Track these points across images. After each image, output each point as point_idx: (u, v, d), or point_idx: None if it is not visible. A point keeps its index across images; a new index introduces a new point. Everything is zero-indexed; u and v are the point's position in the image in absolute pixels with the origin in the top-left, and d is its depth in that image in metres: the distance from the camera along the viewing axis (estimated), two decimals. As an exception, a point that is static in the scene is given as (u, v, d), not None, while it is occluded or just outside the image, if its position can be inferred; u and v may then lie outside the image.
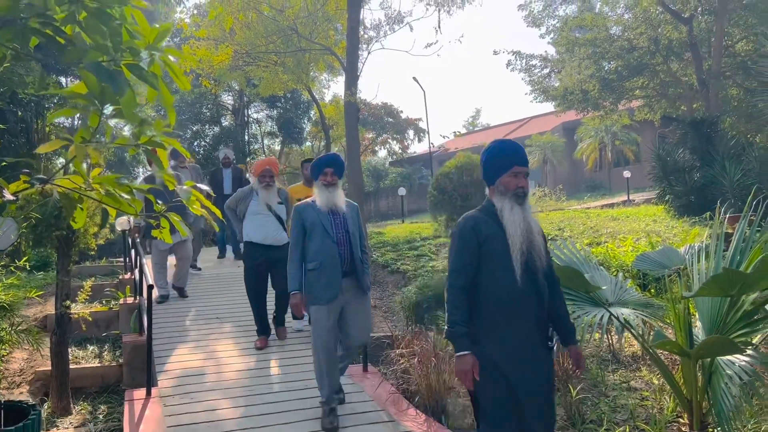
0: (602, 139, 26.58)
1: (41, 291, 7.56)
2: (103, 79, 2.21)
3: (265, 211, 5.97)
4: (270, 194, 6.00)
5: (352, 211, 4.55)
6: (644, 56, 15.84)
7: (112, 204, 2.71)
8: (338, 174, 4.49)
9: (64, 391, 5.16)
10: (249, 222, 5.99)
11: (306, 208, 4.42)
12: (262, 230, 5.94)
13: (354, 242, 4.42)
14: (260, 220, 5.95)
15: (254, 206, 5.99)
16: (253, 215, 5.98)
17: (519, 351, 2.85)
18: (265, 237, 5.93)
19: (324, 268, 4.26)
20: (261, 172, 6.02)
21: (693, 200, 11.70)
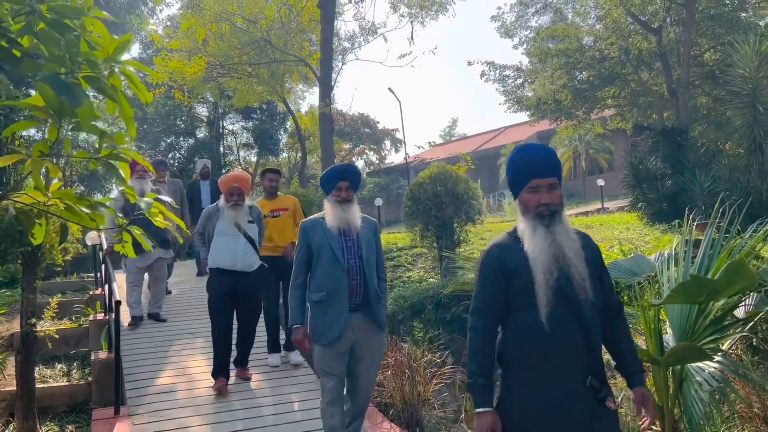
0: (576, 148, 26.90)
1: (6, 309, 7.38)
2: (59, 91, 2.15)
3: (233, 230, 5.25)
4: (239, 214, 5.30)
5: (368, 231, 3.84)
6: (615, 66, 16.09)
7: (72, 219, 2.64)
8: (354, 187, 3.78)
9: (30, 411, 5.02)
10: (216, 245, 5.23)
11: (314, 227, 3.72)
12: (230, 254, 5.17)
13: (369, 270, 3.70)
14: (228, 242, 5.19)
15: (221, 226, 5.25)
16: (220, 236, 5.24)
17: (559, 412, 2.24)
18: (234, 262, 5.17)
19: (331, 300, 3.61)
20: (228, 190, 5.30)
21: (665, 207, 11.86)
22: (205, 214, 5.43)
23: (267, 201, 6.02)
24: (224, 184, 5.34)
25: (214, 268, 5.21)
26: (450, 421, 4.89)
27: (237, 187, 5.33)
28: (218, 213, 5.35)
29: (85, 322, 7.23)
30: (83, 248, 11.35)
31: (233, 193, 5.31)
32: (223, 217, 5.29)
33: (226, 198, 5.32)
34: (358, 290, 3.67)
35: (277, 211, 5.97)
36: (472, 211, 8.05)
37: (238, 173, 5.42)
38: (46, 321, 7.05)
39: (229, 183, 5.32)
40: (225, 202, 5.31)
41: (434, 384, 5.01)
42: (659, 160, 13.08)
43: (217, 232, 5.25)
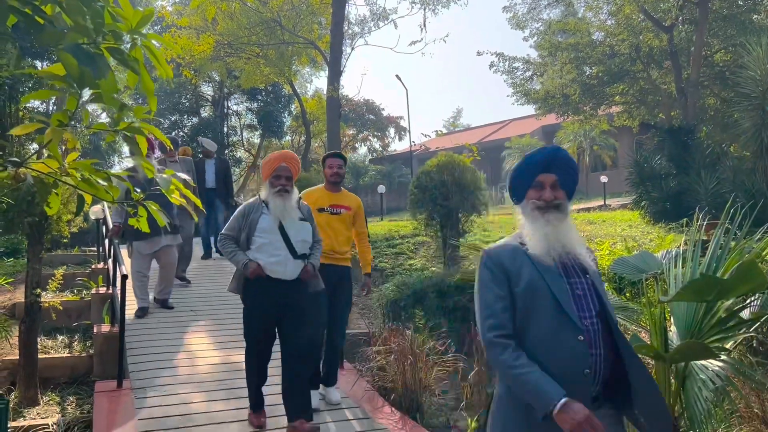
0: (581, 144, 26.84)
1: (11, 278, 7.39)
2: (82, 61, 2.14)
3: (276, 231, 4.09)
4: (287, 205, 4.09)
5: (592, 260, 2.28)
6: (625, 63, 16.03)
7: (88, 190, 2.64)
8: (568, 186, 2.33)
9: (32, 381, 5.05)
10: (256, 247, 4.05)
11: (509, 253, 2.17)
12: (276, 258, 4.01)
13: (617, 331, 2.10)
14: (274, 244, 4.03)
15: (266, 223, 4.06)
16: (263, 237, 4.04)
17: None
18: (283, 269, 4.01)
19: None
20: (274, 171, 4.12)
21: (668, 207, 11.87)
22: (243, 212, 4.17)
23: (328, 192, 4.87)
24: (269, 163, 4.14)
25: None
26: (449, 408, 4.92)
27: (286, 167, 4.12)
28: (260, 208, 4.14)
29: (87, 296, 7.25)
30: (84, 222, 11.36)
31: (281, 175, 4.11)
32: (267, 212, 4.11)
33: (271, 182, 4.12)
34: (598, 371, 2.05)
35: (338, 208, 4.82)
36: (477, 201, 8.06)
37: (286, 151, 4.27)
38: (49, 292, 7.07)
39: (275, 162, 4.13)
40: (270, 188, 4.12)
41: (435, 371, 5.04)
42: (664, 159, 13.08)
43: (260, 232, 4.04)
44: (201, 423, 4.21)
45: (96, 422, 4.18)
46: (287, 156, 4.18)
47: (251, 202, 4.23)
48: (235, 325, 6.29)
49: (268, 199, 4.11)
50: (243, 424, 4.24)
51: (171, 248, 6.52)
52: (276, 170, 4.12)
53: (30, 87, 11.83)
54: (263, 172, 4.19)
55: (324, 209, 4.75)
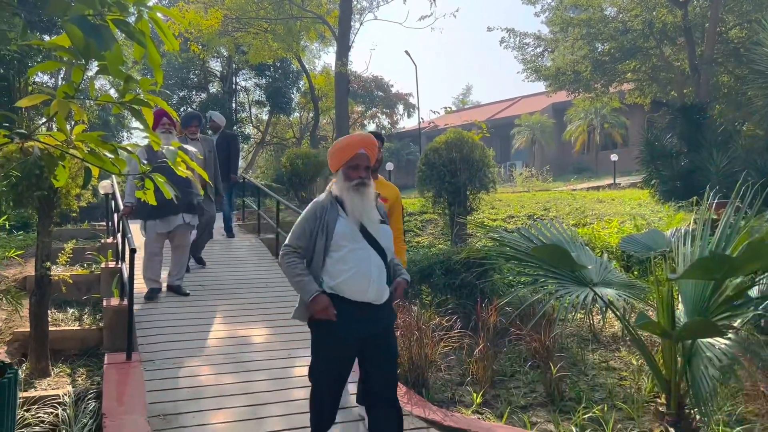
0: (591, 122, 26.62)
1: (21, 252, 7.45)
2: (88, 33, 2.12)
3: (360, 237, 3.17)
4: (366, 202, 3.20)
5: None
6: (638, 39, 15.79)
7: (95, 162, 2.64)
8: None
9: (43, 352, 5.11)
10: (336, 262, 3.14)
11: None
12: (362, 276, 3.11)
13: None
14: (360, 255, 3.13)
15: (344, 228, 3.16)
16: (342, 246, 3.14)
17: None
18: (366, 288, 3.11)
19: None
20: (351, 160, 3.20)
21: (679, 185, 11.78)
22: (313, 214, 3.22)
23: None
24: (344, 150, 3.23)
25: (333, 295, 3.11)
26: (455, 383, 4.95)
27: (365, 155, 3.23)
28: (334, 208, 3.21)
29: (96, 270, 7.31)
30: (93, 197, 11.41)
31: (359, 164, 3.20)
32: (343, 215, 3.19)
33: (346, 174, 3.20)
34: None
35: None
36: (486, 179, 8.02)
37: (364, 134, 3.39)
38: (59, 266, 7.13)
39: (353, 148, 3.21)
40: (345, 180, 3.20)
41: (441, 347, 5.06)
42: (676, 138, 12.95)
43: (338, 238, 3.14)
44: (209, 395, 4.26)
45: (106, 393, 4.24)
46: (367, 141, 3.26)
47: (320, 200, 3.26)
48: (243, 298, 6.34)
49: (343, 196, 3.17)
50: (250, 396, 4.28)
51: (187, 229, 6.22)
52: (353, 158, 3.18)
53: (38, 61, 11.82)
54: (334, 160, 3.26)
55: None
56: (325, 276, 3.16)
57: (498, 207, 11.13)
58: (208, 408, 4.10)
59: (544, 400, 4.64)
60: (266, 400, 4.26)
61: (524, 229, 4.56)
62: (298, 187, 13.46)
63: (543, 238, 4.41)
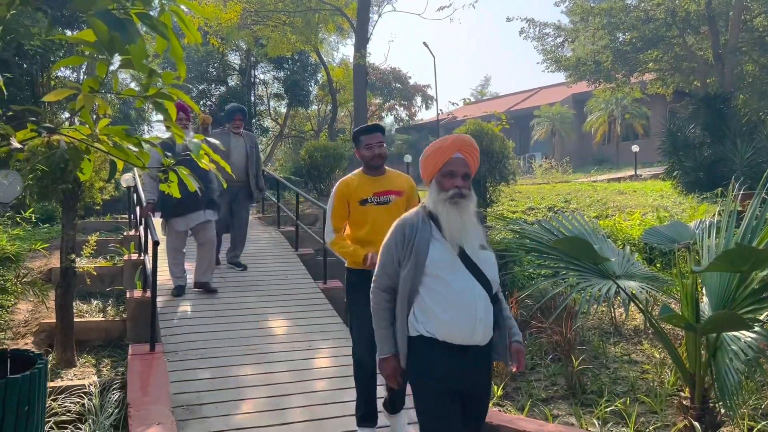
0: (612, 112, 26.29)
1: (46, 244, 7.57)
2: (112, 27, 2.14)
3: (459, 264, 2.53)
4: (467, 219, 2.55)
5: None
6: (660, 28, 15.54)
7: (119, 156, 2.67)
8: None
9: (69, 343, 5.20)
10: (433, 296, 2.50)
11: None
12: (466, 314, 2.47)
13: None
14: (463, 287, 2.49)
15: (440, 253, 2.53)
16: (438, 273, 2.50)
17: None
18: (471, 329, 2.48)
19: None
20: (443, 166, 2.60)
21: (702, 177, 11.61)
22: (401, 236, 2.60)
23: (368, 177, 3.73)
24: (436, 154, 2.63)
25: (427, 338, 2.49)
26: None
27: (462, 159, 2.63)
28: (427, 227, 2.58)
29: (119, 262, 7.41)
30: (115, 190, 11.54)
31: (455, 171, 2.59)
32: (437, 234, 2.56)
33: (439, 183, 2.60)
34: None
35: (385, 195, 3.69)
36: (506, 170, 7.97)
37: (461, 135, 2.71)
38: (83, 258, 7.23)
39: (446, 151, 2.62)
40: (439, 191, 2.58)
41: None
42: (699, 128, 12.76)
43: (433, 266, 2.49)
44: (231, 386, 4.31)
45: (130, 384, 4.30)
46: (462, 142, 2.64)
47: (409, 217, 2.65)
48: (264, 290, 6.39)
49: (438, 211, 2.56)
50: (272, 387, 4.32)
51: (209, 225, 6.14)
52: (448, 163, 2.58)
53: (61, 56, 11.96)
54: (426, 167, 2.66)
55: (366, 200, 3.65)
56: (418, 314, 2.51)
57: (518, 199, 11.06)
58: (231, 399, 4.15)
59: (566, 393, 4.62)
60: (288, 391, 4.29)
61: (545, 221, 4.53)
62: (317, 180, 13.49)
63: (564, 230, 4.38)
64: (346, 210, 3.70)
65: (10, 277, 5.57)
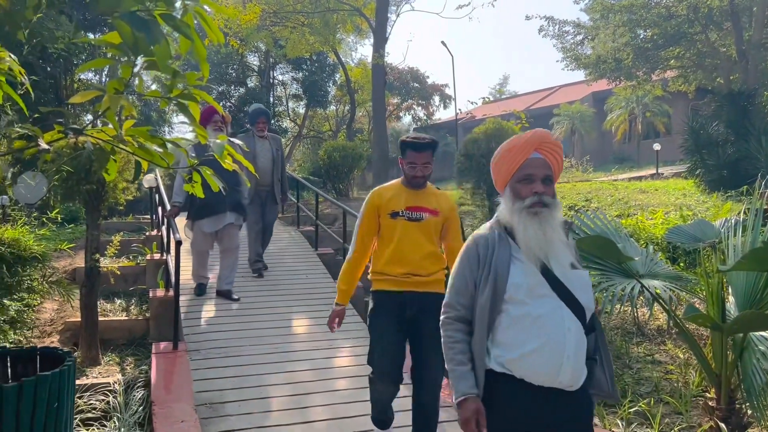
0: (633, 110, 25.99)
1: (71, 244, 7.68)
2: (137, 28, 2.16)
3: (545, 287, 2.08)
4: (549, 232, 2.09)
5: None
6: (682, 24, 15.33)
7: (144, 156, 2.70)
8: None
9: (94, 341, 5.27)
10: (510, 324, 2.08)
11: None
12: (551, 346, 2.03)
13: None
14: (546, 316, 2.05)
15: (520, 274, 2.10)
16: (519, 298, 2.07)
17: None
18: (558, 367, 2.02)
19: None
20: (519, 168, 2.17)
21: (725, 175, 11.44)
22: (471, 254, 2.20)
23: (405, 190, 3.38)
24: (510, 154, 2.19)
25: (505, 375, 2.08)
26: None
27: (543, 160, 2.18)
28: (505, 244, 2.16)
29: (142, 261, 7.50)
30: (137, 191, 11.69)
31: (534, 176, 2.15)
32: (518, 250, 2.14)
33: (515, 190, 2.16)
34: None
35: (418, 211, 3.33)
36: (526, 169, 7.91)
37: (538, 131, 2.22)
38: (106, 258, 7.33)
39: (522, 151, 2.17)
40: (514, 199, 2.16)
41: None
42: (722, 126, 12.56)
43: (512, 290, 2.08)
44: (253, 384, 4.34)
45: (154, 382, 4.35)
46: (543, 139, 2.17)
47: (483, 232, 2.23)
48: (285, 289, 6.42)
49: (514, 223, 2.13)
50: (294, 386, 4.34)
51: (234, 228, 6.06)
52: (524, 166, 2.15)
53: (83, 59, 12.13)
54: (499, 172, 2.22)
55: (398, 213, 3.30)
56: (493, 347, 2.11)
57: (537, 198, 10.97)
58: (253, 397, 4.18)
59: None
60: (310, 390, 4.32)
61: (567, 220, 4.49)
62: (336, 180, 13.55)
63: (587, 229, 4.35)
64: (375, 223, 3.35)
65: (36, 277, 5.65)
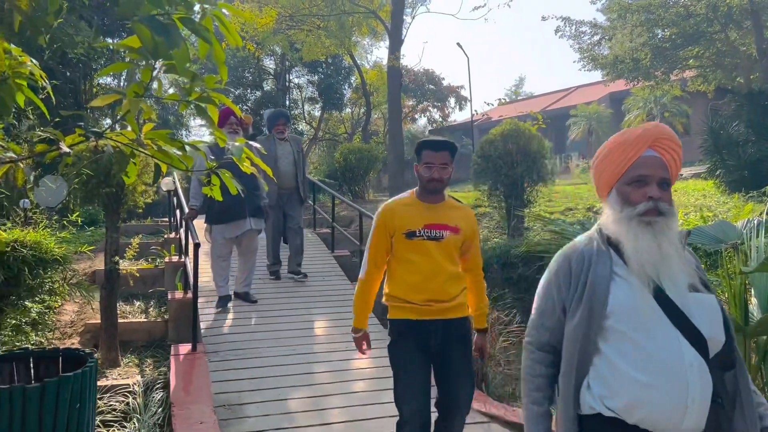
0: (651, 111, 25.74)
1: (91, 247, 7.76)
2: (157, 32, 2.18)
3: (658, 313, 1.65)
4: (665, 247, 1.70)
5: None
6: (701, 24, 15.16)
7: (164, 159, 2.72)
8: None
9: (113, 343, 5.32)
10: (616, 359, 1.66)
11: None
12: (670, 386, 1.59)
13: None
14: (661, 349, 1.62)
15: (625, 296, 1.69)
16: (625, 328, 1.66)
17: None
18: (682, 412, 1.58)
19: None
20: (630, 168, 1.79)
21: (746, 175, 11.28)
22: (561, 270, 1.83)
23: (422, 204, 3.01)
24: (617, 152, 1.82)
25: (612, 418, 1.67)
26: (515, 378, 4.90)
27: (659, 159, 1.80)
28: (605, 259, 1.76)
29: (160, 264, 7.56)
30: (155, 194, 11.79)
31: (648, 176, 1.77)
32: (623, 268, 1.74)
33: (623, 195, 1.80)
34: None
35: (439, 229, 2.96)
36: (544, 170, 7.87)
37: (656, 125, 1.83)
38: (125, 260, 7.39)
39: (635, 146, 1.79)
40: (622, 206, 1.78)
41: (501, 341, 5.01)
42: (742, 126, 12.39)
43: (617, 317, 1.68)
44: (271, 386, 4.35)
45: (173, 383, 4.38)
46: (661, 133, 1.80)
47: (578, 244, 1.86)
48: (302, 291, 6.43)
49: (620, 235, 1.76)
50: (312, 388, 4.35)
51: (254, 233, 6.02)
52: (636, 165, 1.78)
53: (102, 64, 12.28)
54: (602, 173, 1.87)
55: (415, 234, 2.93)
56: (593, 387, 1.71)
57: (555, 199, 10.91)
58: (271, 399, 4.19)
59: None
60: (327, 391, 4.32)
61: (586, 222, 4.45)
62: (351, 182, 13.57)
63: (606, 231, 4.30)
64: (387, 243, 2.98)
65: (57, 279, 5.72)
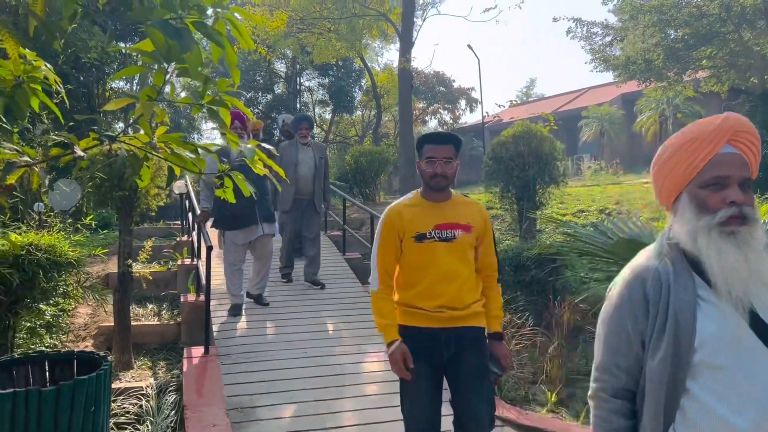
0: (663, 112, 25.56)
1: (105, 250, 7.81)
2: (170, 36, 2.19)
3: (753, 341, 1.35)
4: (753, 262, 1.38)
5: None
6: (714, 24, 15.03)
7: (177, 162, 2.73)
8: None
9: (126, 346, 5.34)
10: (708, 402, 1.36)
11: None
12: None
13: None
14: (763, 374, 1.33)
15: (714, 325, 1.38)
16: (719, 363, 1.36)
17: None
18: None
19: None
20: (702, 172, 1.47)
21: (761, 176, 11.15)
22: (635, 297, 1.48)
23: (428, 204, 2.86)
24: (687, 149, 1.55)
25: None
26: (528, 381, 4.86)
27: (739, 157, 1.48)
28: (684, 281, 1.44)
29: (173, 267, 7.58)
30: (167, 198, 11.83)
31: (727, 178, 1.45)
32: (708, 293, 1.42)
33: (698, 200, 1.47)
34: None
35: (449, 229, 2.80)
36: (556, 172, 7.83)
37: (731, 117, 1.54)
38: (138, 263, 7.43)
39: (711, 142, 1.49)
40: (699, 213, 1.46)
41: (513, 345, 4.98)
42: (757, 126, 12.22)
43: (708, 350, 1.37)
44: (283, 389, 4.35)
45: (186, 386, 4.39)
46: (741, 125, 1.50)
47: (646, 262, 1.53)
48: (313, 294, 6.43)
49: (700, 249, 1.43)
50: (323, 390, 4.34)
51: (268, 239, 5.97)
52: (713, 164, 1.49)
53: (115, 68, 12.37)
54: (668, 174, 1.62)
55: (425, 236, 2.77)
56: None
57: (567, 201, 10.85)
58: (283, 402, 4.19)
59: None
60: (339, 394, 4.31)
61: (599, 224, 4.42)
62: (362, 185, 13.57)
63: (620, 233, 4.27)
64: (396, 247, 2.80)
65: (71, 282, 5.75)
